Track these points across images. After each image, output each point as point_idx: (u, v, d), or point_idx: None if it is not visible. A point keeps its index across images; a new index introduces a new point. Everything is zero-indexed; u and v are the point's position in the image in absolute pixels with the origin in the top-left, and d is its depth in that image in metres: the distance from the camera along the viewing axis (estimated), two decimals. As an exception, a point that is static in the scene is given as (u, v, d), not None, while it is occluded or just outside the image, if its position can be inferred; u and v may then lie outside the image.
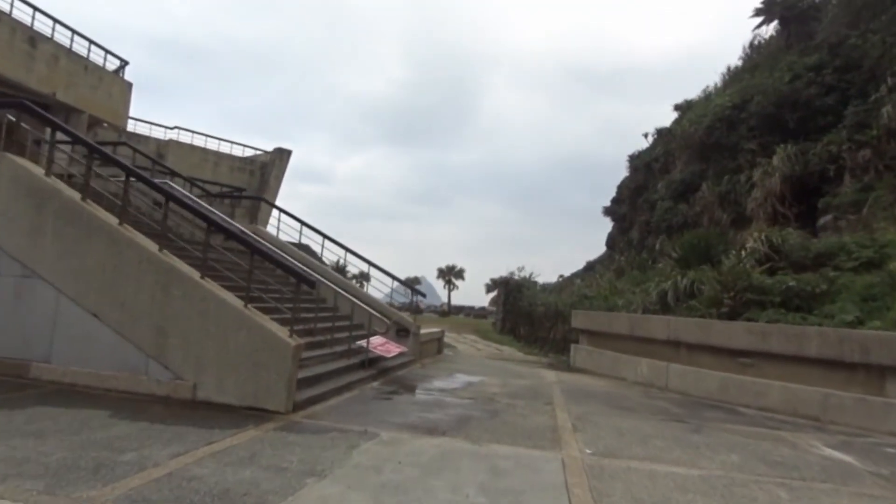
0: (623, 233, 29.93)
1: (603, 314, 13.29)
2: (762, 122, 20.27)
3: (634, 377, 11.35)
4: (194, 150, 24.97)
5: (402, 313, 12.43)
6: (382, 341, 9.77)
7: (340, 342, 9.52)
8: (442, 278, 74.39)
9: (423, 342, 12.72)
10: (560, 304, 16.76)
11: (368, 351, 9.13)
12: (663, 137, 28.40)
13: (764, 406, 8.54)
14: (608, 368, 12.31)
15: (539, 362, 14.49)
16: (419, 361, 11.98)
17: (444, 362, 12.63)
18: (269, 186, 26.61)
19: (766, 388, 8.63)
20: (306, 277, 6.46)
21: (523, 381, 10.23)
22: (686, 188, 23.64)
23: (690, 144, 24.42)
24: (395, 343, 10.13)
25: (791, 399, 8.26)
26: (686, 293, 12.14)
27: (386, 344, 9.72)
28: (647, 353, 11.23)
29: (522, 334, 20.99)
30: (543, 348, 17.42)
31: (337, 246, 13.44)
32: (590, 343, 13.64)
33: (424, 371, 10.76)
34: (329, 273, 12.69)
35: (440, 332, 14.70)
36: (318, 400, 6.87)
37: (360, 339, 9.50)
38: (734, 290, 10.53)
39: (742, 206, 20.27)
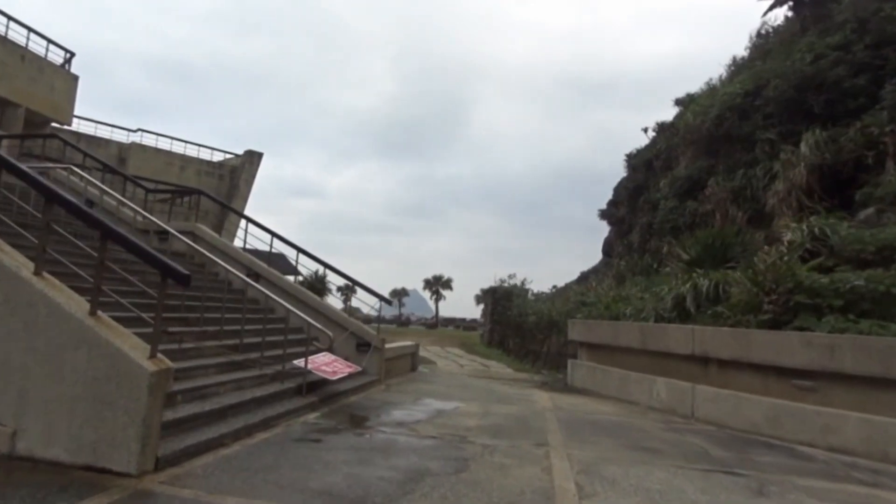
0: (621, 237, 27.81)
1: (607, 324, 11.07)
2: (781, 108, 18.21)
3: (649, 401, 9.12)
4: (158, 154, 22.77)
5: (366, 325, 10.16)
6: (329, 359, 7.52)
7: (280, 360, 7.27)
8: (429, 289, 71.74)
9: (390, 359, 10.45)
10: (554, 312, 14.55)
11: (307, 373, 6.87)
12: (665, 132, 26.40)
13: (836, 445, 6.31)
14: (615, 389, 10.07)
15: (530, 381, 12.24)
16: (383, 382, 9.71)
17: (416, 382, 10.36)
18: (238, 191, 24.39)
19: (837, 420, 6.39)
20: (175, 271, 4.27)
21: (509, 408, 7.98)
22: (692, 185, 21.53)
23: (696, 138, 22.38)
24: (345, 362, 7.86)
25: (877, 437, 6.03)
26: (709, 297, 9.95)
27: (333, 363, 7.47)
28: (665, 372, 9.01)
29: (512, 347, 18.74)
30: (535, 363, 15.17)
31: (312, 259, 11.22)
32: (591, 358, 11.41)
33: (386, 395, 8.49)
34: (276, 278, 10.42)
35: (413, 347, 12.44)
36: (205, 449, 4.58)
37: (299, 357, 7.24)
38: (776, 292, 8.34)
39: (760, 203, 18.13)
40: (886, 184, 13.14)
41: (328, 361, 7.38)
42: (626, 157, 29.60)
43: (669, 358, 8.95)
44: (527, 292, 19.23)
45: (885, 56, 16.13)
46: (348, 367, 7.62)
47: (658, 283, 14.01)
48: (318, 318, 9.92)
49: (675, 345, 8.77)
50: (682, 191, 22.11)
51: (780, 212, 17.03)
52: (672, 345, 8.83)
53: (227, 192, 23.93)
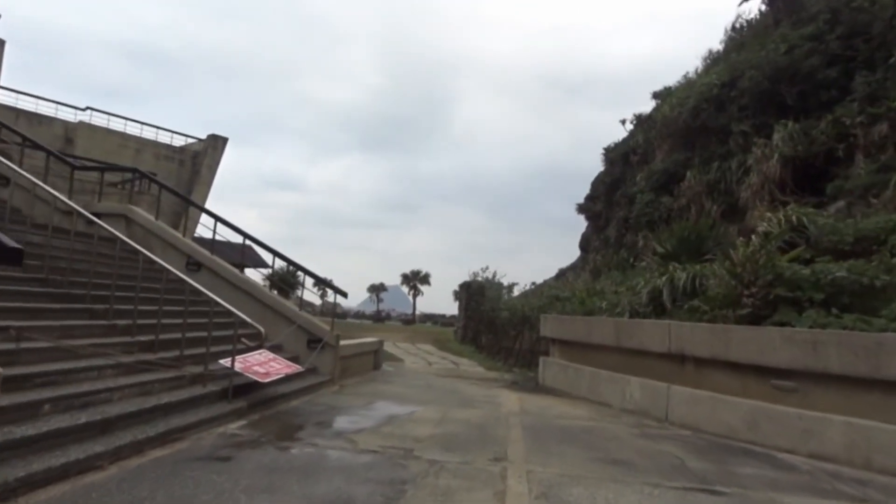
0: (598, 231, 27.39)
1: (580, 319, 10.46)
2: (756, 99, 17.80)
3: (622, 402, 8.52)
4: (110, 135, 21.54)
5: (317, 318, 9.40)
6: (265, 358, 6.75)
7: (213, 357, 6.46)
8: (406, 284, 70.76)
9: (347, 357, 9.71)
10: (527, 307, 13.92)
11: (234, 374, 6.10)
12: (642, 125, 25.97)
13: (817, 452, 5.74)
14: (587, 389, 9.47)
15: (500, 380, 11.60)
16: (337, 383, 8.98)
17: (375, 383, 9.64)
18: (200, 177, 23.33)
19: (819, 424, 5.82)
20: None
21: (471, 413, 7.30)
22: (669, 178, 21.09)
23: (673, 130, 21.96)
24: (285, 361, 7.10)
25: (861, 443, 5.46)
26: (686, 291, 9.39)
27: (269, 362, 6.70)
28: (640, 371, 8.42)
29: (485, 344, 18.10)
30: (507, 361, 14.54)
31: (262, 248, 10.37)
32: (563, 356, 10.79)
33: (336, 398, 7.75)
34: (220, 268, 9.59)
35: (376, 343, 11.70)
36: (61, 476, 3.63)
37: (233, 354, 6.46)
38: (756, 285, 7.78)
39: (734, 196, 17.76)
40: (856, 176, 12.79)
41: (263, 361, 6.61)
42: (603, 151, 29.13)
43: (644, 356, 8.35)
44: (500, 286, 18.58)
45: (856, 47, 15.81)
46: (287, 368, 6.87)
47: (633, 278, 13.48)
48: (266, 312, 9.18)
49: (650, 342, 8.18)
50: (659, 184, 21.66)
51: (752, 205, 16.62)
52: (647, 342, 8.23)
53: (189, 178, 22.87)
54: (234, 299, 9.24)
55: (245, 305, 9.25)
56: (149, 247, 9.84)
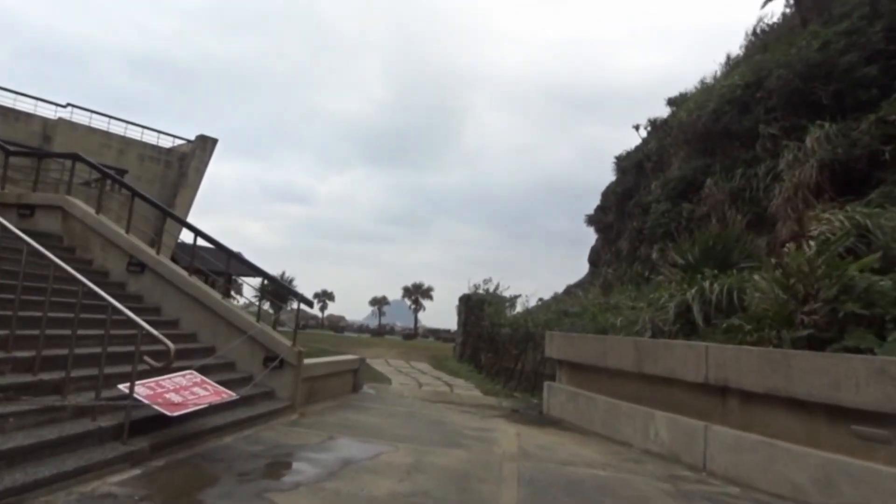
0: (609, 244, 25.79)
1: (592, 338, 8.86)
2: (785, 99, 16.26)
3: (644, 442, 6.92)
4: (92, 134, 20.24)
5: (277, 334, 7.85)
6: (186, 383, 5.21)
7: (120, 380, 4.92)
8: (408, 297, 68.97)
9: (314, 378, 8.15)
10: (531, 323, 12.33)
11: (133, 404, 4.55)
12: (657, 131, 24.47)
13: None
14: (600, 423, 7.87)
15: (498, 407, 9.99)
16: (298, 410, 7.40)
17: (347, 410, 8.06)
18: (187, 180, 21.96)
19: (932, 492, 4.22)
20: None
21: (455, 456, 5.72)
22: (687, 187, 19.51)
23: (691, 135, 20.44)
24: (216, 387, 5.54)
25: None
26: (720, 307, 7.81)
27: (189, 388, 5.15)
28: (668, 404, 6.82)
29: (485, 363, 16.47)
30: (508, 383, 12.92)
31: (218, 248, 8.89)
32: (571, 381, 9.20)
33: (286, 433, 6.18)
34: (166, 270, 8.08)
35: (355, 362, 10.13)
36: None
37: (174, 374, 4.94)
38: (817, 300, 6.20)
39: (761, 205, 16.21)
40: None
41: (184, 386, 5.08)
42: (615, 160, 27.61)
43: (673, 385, 6.75)
44: (503, 300, 16.97)
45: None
46: (215, 395, 5.31)
47: (650, 293, 11.96)
48: (219, 323, 7.68)
49: (681, 368, 6.58)
50: (676, 193, 20.07)
51: (784, 215, 15.05)
52: (677, 368, 6.64)
53: (175, 180, 21.50)
54: (182, 307, 7.81)
55: (194, 314, 7.81)
56: (87, 244, 8.42)
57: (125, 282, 8.20)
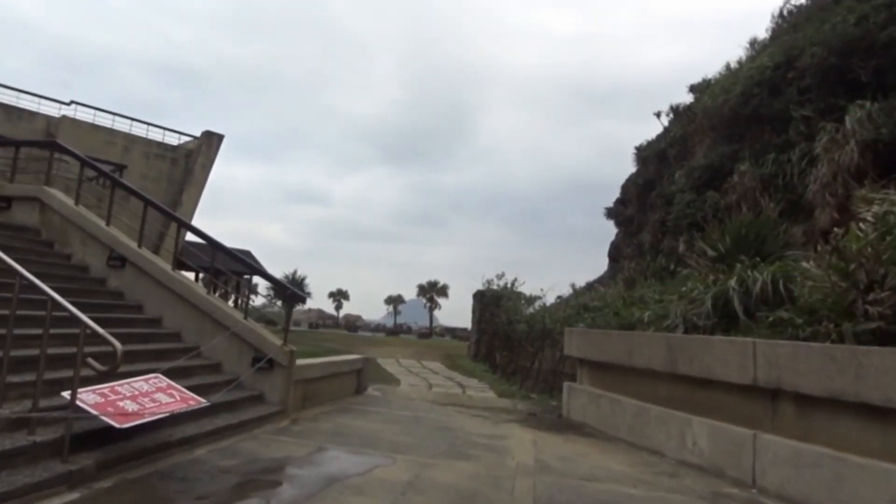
0: (630, 237, 24.78)
1: (617, 335, 8.01)
2: (820, 78, 15.18)
3: (680, 451, 6.07)
4: (96, 131, 19.78)
5: (267, 332, 7.12)
6: (149, 388, 4.49)
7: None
8: (423, 296, 68.14)
9: (309, 380, 7.42)
10: (548, 319, 11.49)
11: (76, 414, 3.82)
12: (681, 117, 23.42)
13: None
14: (627, 429, 7.02)
15: (513, 410, 9.18)
16: (290, 416, 6.67)
17: (345, 415, 7.31)
18: (193, 177, 21.43)
19: None
20: None
21: (461, 471, 4.94)
22: (713, 175, 18.47)
23: (717, 121, 19.41)
24: (184, 392, 4.80)
25: None
26: (766, 299, 6.91)
27: (152, 394, 4.42)
28: (707, 408, 5.96)
29: (500, 362, 15.64)
30: (524, 384, 12.09)
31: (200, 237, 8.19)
32: (594, 381, 8.36)
33: (270, 443, 5.44)
34: (149, 265, 7.39)
35: (358, 362, 9.39)
36: None
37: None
38: (884, 288, 5.30)
39: (796, 192, 15.17)
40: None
41: (144, 392, 4.36)
42: (635, 150, 26.56)
43: (713, 388, 5.89)
44: (519, 296, 16.11)
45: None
46: (180, 402, 4.57)
47: (676, 286, 11.09)
48: (204, 320, 6.98)
49: (722, 368, 5.71)
50: (701, 182, 19.03)
51: (822, 200, 14.02)
52: (718, 367, 5.77)
53: (181, 177, 20.97)
54: (165, 304, 7.11)
55: (177, 311, 7.13)
56: (66, 238, 7.77)
57: (105, 277, 7.55)
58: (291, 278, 36.43)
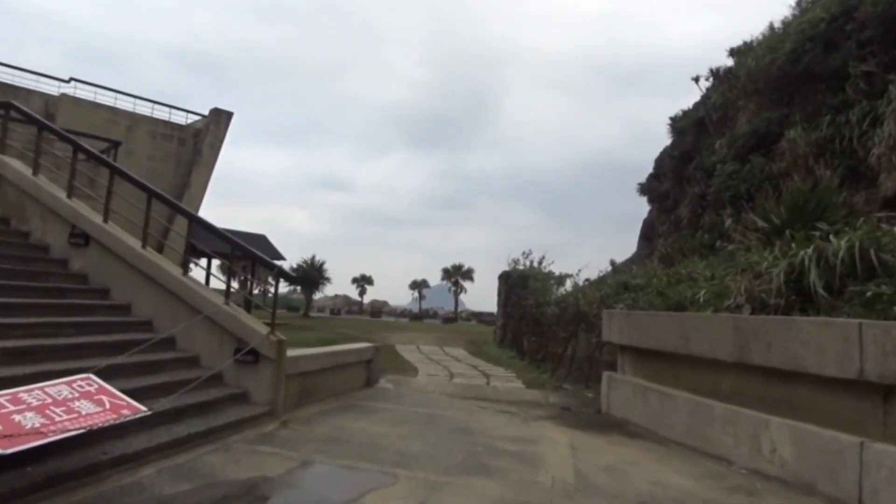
0: (666, 213, 23.27)
1: (668, 317, 6.77)
2: (885, 29, 13.50)
3: (754, 459, 4.89)
4: (97, 110, 18.98)
5: (251, 318, 6.08)
6: (70, 394, 3.47)
7: None
8: (448, 280, 66.88)
9: (306, 374, 6.38)
10: (583, 301, 10.27)
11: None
12: (722, 83, 21.71)
13: None
14: (683, 429, 5.84)
15: (544, 404, 8.05)
16: (281, 417, 5.64)
17: (347, 415, 6.27)
18: (202, 157, 20.57)
19: None
20: None
21: (480, 491, 3.86)
22: (759, 142, 16.90)
23: (763, 83, 17.76)
24: (113, 401, 3.77)
25: None
26: (854, 271, 5.64)
27: (65, 402, 3.41)
28: (788, 407, 4.75)
29: (528, 348, 14.47)
30: (556, 372, 10.93)
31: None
32: (639, 371, 7.17)
33: (241, 457, 4.40)
34: (116, 243, 6.40)
35: (367, 352, 8.33)
36: None
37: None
38: None
39: (855, 156, 13.62)
40: None
41: (61, 399, 3.36)
42: (669, 121, 24.87)
43: (798, 382, 4.67)
44: (548, 277, 14.87)
45: None
46: (110, 412, 3.55)
47: (722, 261, 9.84)
48: (179, 307, 5.98)
49: (812, 357, 4.48)
50: (746, 150, 17.44)
51: (888, 164, 12.50)
52: (806, 357, 4.54)
53: (190, 158, 20.13)
54: (136, 288, 6.13)
55: (149, 296, 6.15)
56: (23, 213, 6.83)
57: (67, 258, 6.60)
58: (310, 263, 35.55)
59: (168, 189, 20.01)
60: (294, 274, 36.06)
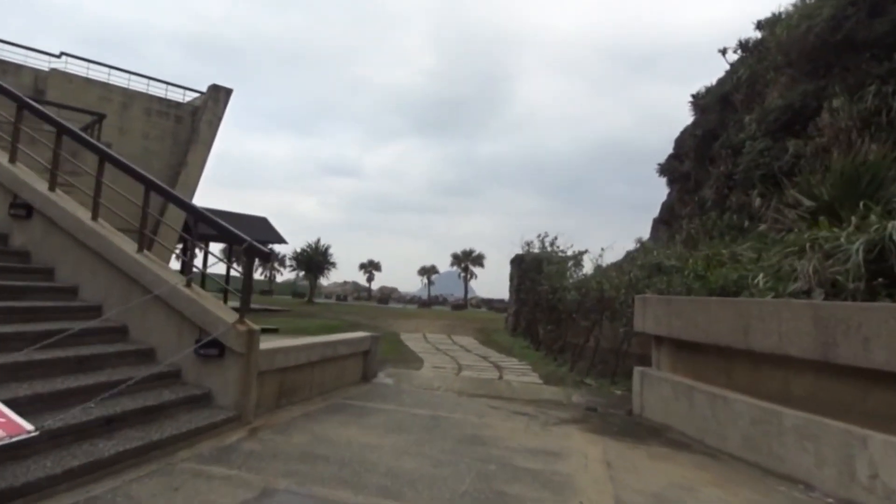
0: (687, 194, 22.04)
1: (719, 304, 5.64)
2: (940, -14, 12.28)
3: (843, 485, 3.83)
4: (90, 86, 17.95)
5: (215, 303, 5.05)
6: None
7: None
8: (458, 265, 65.62)
9: (285, 370, 5.37)
10: (607, 285, 9.16)
11: None
12: (753, 53, 20.37)
13: None
14: (741, 441, 4.78)
15: (566, 404, 7.01)
16: (249, 423, 4.64)
17: (331, 418, 5.26)
18: (199, 135, 19.55)
19: None
20: None
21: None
22: (793, 117, 15.63)
23: (797, 54, 16.46)
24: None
25: None
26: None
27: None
28: (893, 420, 3.67)
29: (543, 338, 13.42)
30: (576, 364, 9.88)
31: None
32: (679, 367, 6.10)
33: (186, 481, 3.40)
34: (61, 216, 5.38)
35: (363, 342, 7.30)
36: None
37: None
38: None
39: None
40: None
41: None
42: (691, 98, 23.51)
43: (911, 388, 3.59)
44: (565, 260, 13.74)
45: None
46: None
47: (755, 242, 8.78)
48: (133, 288, 4.97)
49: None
50: (778, 126, 16.17)
51: (939, 137, 11.32)
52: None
53: (187, 136, 19.10)
54: (84, 267, 5.12)
55: (99, 277, 5.14)
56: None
57: (8, 233, 5.61)
58: (314, 248, 34.48)
59: (164, 168, 19.04)
60: (299, 257, 34.95)
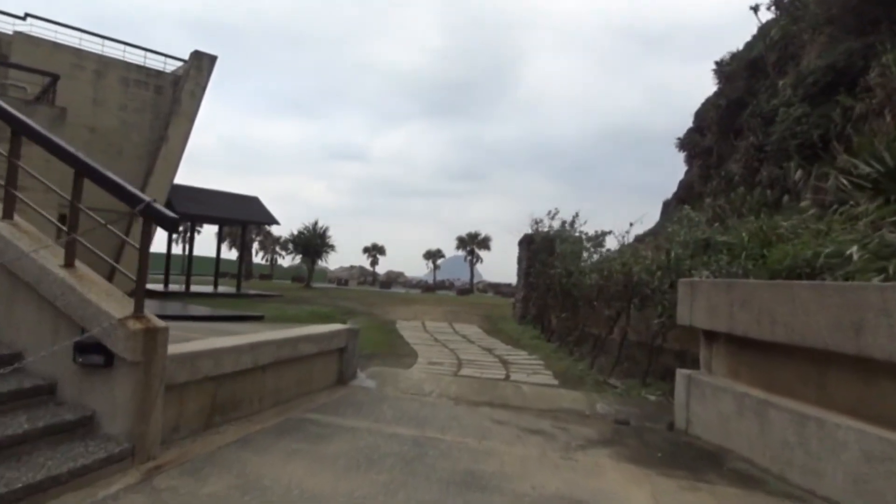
0: (710, 170, 20.47)
1: (813, 290, 4.12)
2: None
3: None
4: (59, 51, 16.44)
5: (99, 289, 3.58)
6: None
7: None
8: (463, 248, 63.83)
9: (219, 378, 3.96)
10: (638, 267, 7.62)
11: None
12: (787, 12, 18.62)
13: None
14: (845, 481, 3.33)
15: (590, 414, 5.58)
16: (149, 460, 3.24)
17: (278, 444, 3.85)
18: (181, 106, 18.06)
19: None
20: None
21: None
22: (836, 79, 14.02)
23: (840, 9, 14.80)
24: None
25: None
26: None
27: None
28: None
29: (556, 327, 11.96)
30: (597, 360, 8.42)
31: None
32: (743, 373, 4.65)
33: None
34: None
35: (338, 336, 5.87)
36: None
37: None
38: None
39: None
40: None
41: None
42: (715, 66, 21.84)
43: None
44: (580, 240, 12.21)
45: None
46: None
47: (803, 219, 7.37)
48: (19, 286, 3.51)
49: None
50: (818, 89, 14.56)
51: None
52: None
53: (168, 108, 17.61)
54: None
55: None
56: None
57: None
58: (311, 230, 32.91)
59: (143, 143, 17.63)
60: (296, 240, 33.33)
